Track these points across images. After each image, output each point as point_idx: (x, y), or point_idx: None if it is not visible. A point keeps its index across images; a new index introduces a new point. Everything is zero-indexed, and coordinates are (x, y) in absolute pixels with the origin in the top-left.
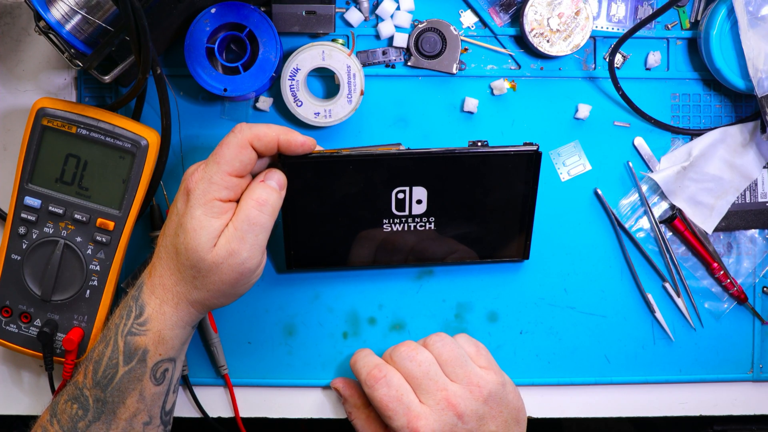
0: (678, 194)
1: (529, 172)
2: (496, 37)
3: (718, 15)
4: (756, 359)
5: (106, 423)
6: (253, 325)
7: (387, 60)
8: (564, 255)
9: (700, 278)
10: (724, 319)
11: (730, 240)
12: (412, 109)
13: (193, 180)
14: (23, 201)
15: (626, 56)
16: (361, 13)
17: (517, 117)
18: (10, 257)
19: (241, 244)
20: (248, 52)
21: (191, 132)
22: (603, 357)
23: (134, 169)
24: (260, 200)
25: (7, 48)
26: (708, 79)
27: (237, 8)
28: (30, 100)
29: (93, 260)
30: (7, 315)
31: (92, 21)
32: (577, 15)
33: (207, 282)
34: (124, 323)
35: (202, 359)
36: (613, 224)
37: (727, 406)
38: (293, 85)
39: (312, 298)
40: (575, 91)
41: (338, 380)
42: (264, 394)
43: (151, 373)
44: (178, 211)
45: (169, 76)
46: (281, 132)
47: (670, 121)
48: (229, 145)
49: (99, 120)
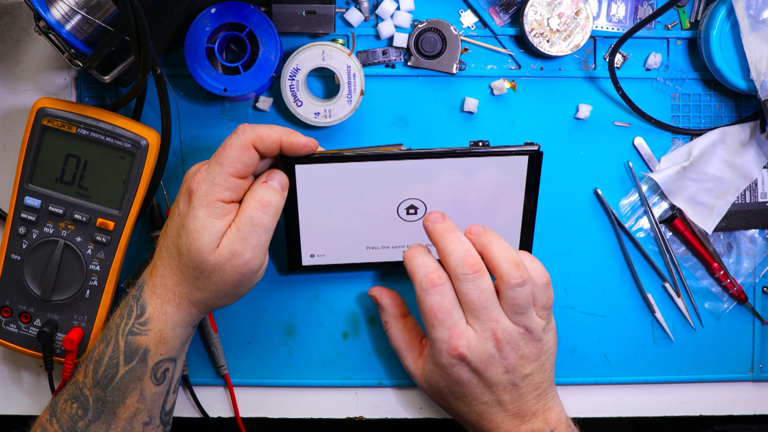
0: (678, 194)
1: (530, 173)
2: (496, 37)
3: (718, 15)
4: (756, 359)
5: (105, 422)
6: (253, 325)
7: (387, 60)
8: (564, 255)
9: (700, 278)
10: (724, 319)
11: (730, 240)
12: (412, 109)
13: (195, 181)
14: (23, 201)
15: (626, 56)
16: (361, 13)
17: (517, 117)
18: (10, 257)
19: (244, 245)
20: (248, 52)
21: (191, 132)
22: (603, 357)
23: (134, 169)
24: (263, 201)
25: (7, 48)
26: (708, 79)
27: (237, 8)
28: (30, 100)
29: (93, 260)
30: (7, 315)
31: (92, 21)
32: (577, 15)
33: (209, 283)
34: (125, 323)
35: (202, 359)
36: (613, 224)
37: (727, 406)
38: (293, 85)
39: (312, 298)
40: (575, 91)
41: (376, 288)
42: (264, 394)
43: (152, 373)
44: (180, 212)
45: (169, 76)
46: (284, 133)
47: (670, 121)
48: (232, 146)
49: (99, 120)
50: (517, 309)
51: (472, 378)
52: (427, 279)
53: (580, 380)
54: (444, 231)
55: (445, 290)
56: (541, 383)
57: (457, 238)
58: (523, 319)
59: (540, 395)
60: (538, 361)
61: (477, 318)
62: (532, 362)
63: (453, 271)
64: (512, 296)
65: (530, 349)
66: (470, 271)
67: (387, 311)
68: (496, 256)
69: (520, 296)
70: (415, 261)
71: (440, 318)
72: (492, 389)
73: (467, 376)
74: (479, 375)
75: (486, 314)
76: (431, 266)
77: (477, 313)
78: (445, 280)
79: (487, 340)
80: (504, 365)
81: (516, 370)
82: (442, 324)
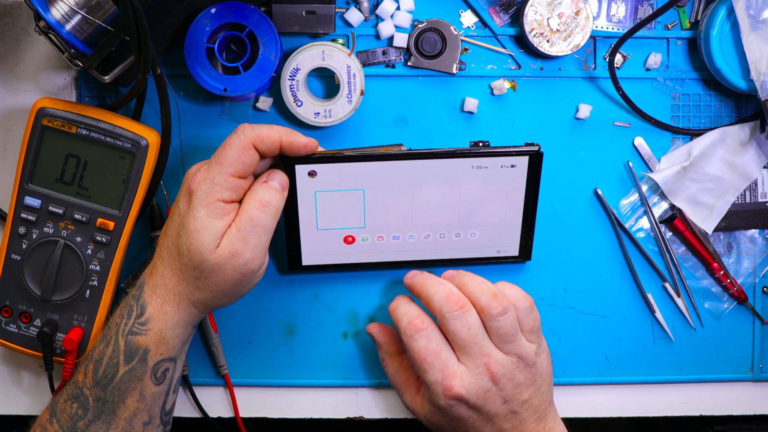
0: (678, 194)
1: (530, 173)
2: (496, 37)
3: (718, 15)
4: (756, 359)
5: (105, 422)
6: (253, 325)
7: (387, 60)
8: (564, 255)
9: (700, 278)
10: (724, 319)
11: (730, 240)
12: (412, 109)
13: (195, 181)
14: (23, 201)
15: (626, 56)
16: (361, 13)
17: (517, 117)
18: (10, 257)
19: (244, 245)
20: (248, 52)
21: (191, 132)
22: (603, 357)
23: (134, 169)
24: (263, 201)
25: (7, 48)
26: (708, 79)
27: (237, 8)
28: (30, 100)
29: (93, 260)
30: (7, 315)
31: (92, 21)
32: (577, 15)
33: (209, 283)
34: (125, 323)
35: (202, 359)
36: (613, 224)
37: (727, 406)
38: (293, 85)
39: (312, 298)
40: (575, 91)
41: (374, 325)
42: (264, 394)
43: (152, 373)
44: (180, 212)
45: (169, 76)
46: (284, 133)
47: (670, 121)
48: (232, 146)
49: (99, 120)
50: (505, 338)
51: (471, 414)
52: (411, 325)
53: (580, 380)
54: (423, 279)
55: (430, 333)
56: (539, 405)
57: (438, 282)
58: (513, 347)
59: (540, 417)
60: (534, 385)
61: (468, 354)
62: (528, 387)
63: (439, 311)
64: (497, 326)
65: (525, 375)
66: (455, 308)
67: (383, 349)
68: (472, 291)
69: (505, 324)
70: (399, 311)
71: (429, 361)
72: (492, 421)
73: (467, 413)
74: (478, 410)
75: (477, 349)
76: (414, 313)
77: (468, 349)
78: (428, 324)
79: (482, 375)
80: (502, 396)
81: (514, 399)
82: (432, 367)
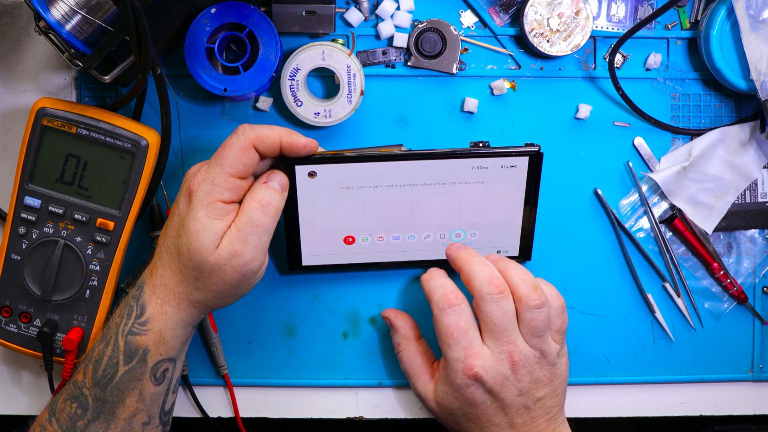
0: (678, 194)
1: (530, 173)
2: (496, 37)
3: (718, 15)
4: (756, 359)
5: (105, 422)
6: (253, 325)
7: (387, 60)
8: (564, 255)
9: (700, 278)
10: (724, 319)
11: (730, 240)
12: (412, 109)
13: (195, 181)
14: (23, 201)
15: (626, 56)
16: (361, 13)
17: (517, 117)
18: (10, 257)
19: (244, 245)
20: (248, 52)
21: (191, 132)
22: (603, 357)
23: (134, 169)
24: (263, 201)
25: (7, 48)
26: (708, 79)
27: (237, 8)
28: (30, 100)
29: (93, 260)
30: (7, 315)
31: (92, 21)
32: (577, 15)
33: (209, 283)
34: (125, 323)
35: (202, 359)
36: (613, 224)
37: (727, 406)
38: (293, 85)
39: (312, 298)
40: (575, 91)
41: (390, 310)
42: (264, 394)
43: (151, 373)
44: (180, 212)
45: (169, 76)
46: (284, 134)
47: (670, 121)
48: (232, 147)
49: (99, 120)
50: (534, 332)
51: (486, 399)
52: (445, 299)
53: (580, 380)
54: (468, 255)
55: (462, 310)
56: (552, 407)
57: (482, 261)
58: (539, 342)
59: (551, 419)
60: (551, 386)
61: (495, 339)
62: (545, 386)
63: (478, 291)
64: (531, 318)
65: (544, 372)
66: (495, 291)
67: (400, 333)
68: (514, 279)
69: (538, 318)
70: (433, 282)
71: (456, 337)
72: (505, 411)
73: (481, 397)
74: (493, 396)
75: (505, 336)
76: (449, 287)
77: (497, 333)
78: (462, 301)
79: (503, 361)
80: (518, 388)
81: (529, 393)
82: (458, 343)
